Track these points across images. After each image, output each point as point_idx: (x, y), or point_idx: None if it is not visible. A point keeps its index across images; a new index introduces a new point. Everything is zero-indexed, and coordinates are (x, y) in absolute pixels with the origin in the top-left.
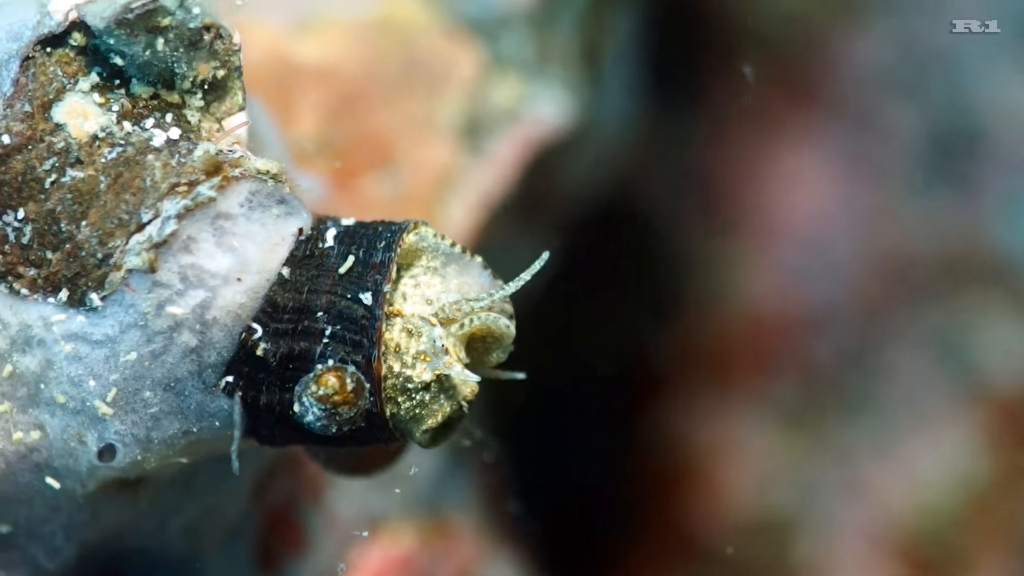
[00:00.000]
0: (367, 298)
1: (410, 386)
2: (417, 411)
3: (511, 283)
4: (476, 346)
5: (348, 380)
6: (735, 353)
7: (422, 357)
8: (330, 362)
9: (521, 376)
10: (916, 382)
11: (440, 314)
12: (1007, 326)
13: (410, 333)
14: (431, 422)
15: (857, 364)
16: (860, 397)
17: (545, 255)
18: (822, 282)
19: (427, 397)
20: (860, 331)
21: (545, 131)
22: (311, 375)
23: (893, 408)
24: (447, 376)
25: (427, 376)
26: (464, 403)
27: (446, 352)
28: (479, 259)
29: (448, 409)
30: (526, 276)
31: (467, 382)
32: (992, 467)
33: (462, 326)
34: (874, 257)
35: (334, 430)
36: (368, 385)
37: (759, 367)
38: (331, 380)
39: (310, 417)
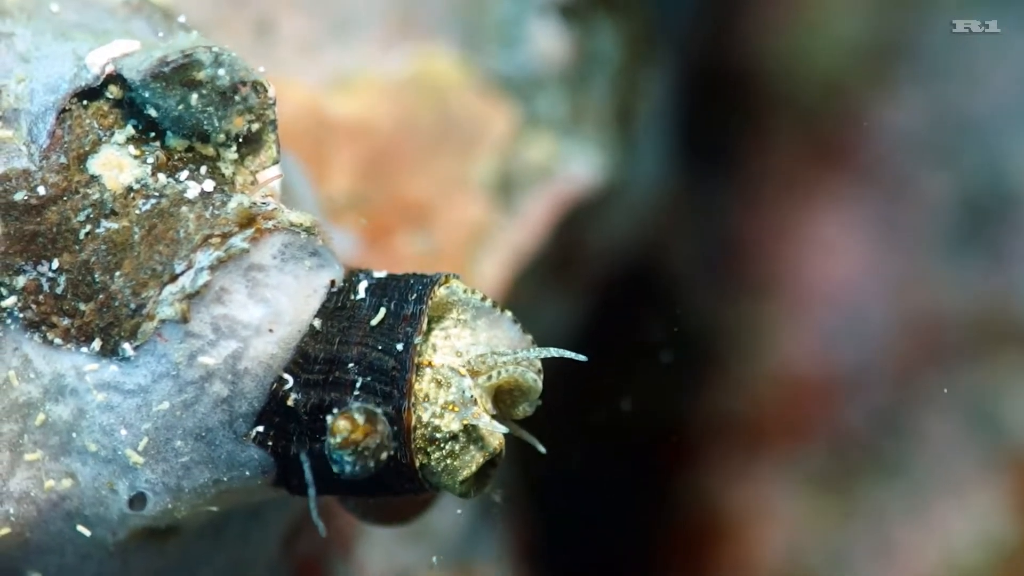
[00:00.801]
0: (398, 350)
1: (438, 435)
2: (448, 462)
3: (543, 349)
4: (503, 399)
5: (358, 416)
6: (766, 416)
7: (451, 407)
8: (353, 404)
9: (542, 449)
10: (947, 446)
11: (469, 366)
12: None
13: (439, 384)
14: (466, 472)
15: (888, 428)
16: (891, 461)
17: (583, 357)
18: (854, 346)
19: (456, 447)
20: (891, 395)
21: (577, 190)
22: (327, 427)
23: (924, 472)
24: (475, 427)
25: (455, 426)
26: (494, 454)
27: (475, 403)
28: (509, 313)
29: (480, 459)
30: (559, 352)
31: (495, 433)
32: (1021, 532)
33: (490, 378)
34: (906, 322)
35: (372, 465)
36: (391, 430)
37: (790, 431)
38: (340, 424)
39: (347, 468)
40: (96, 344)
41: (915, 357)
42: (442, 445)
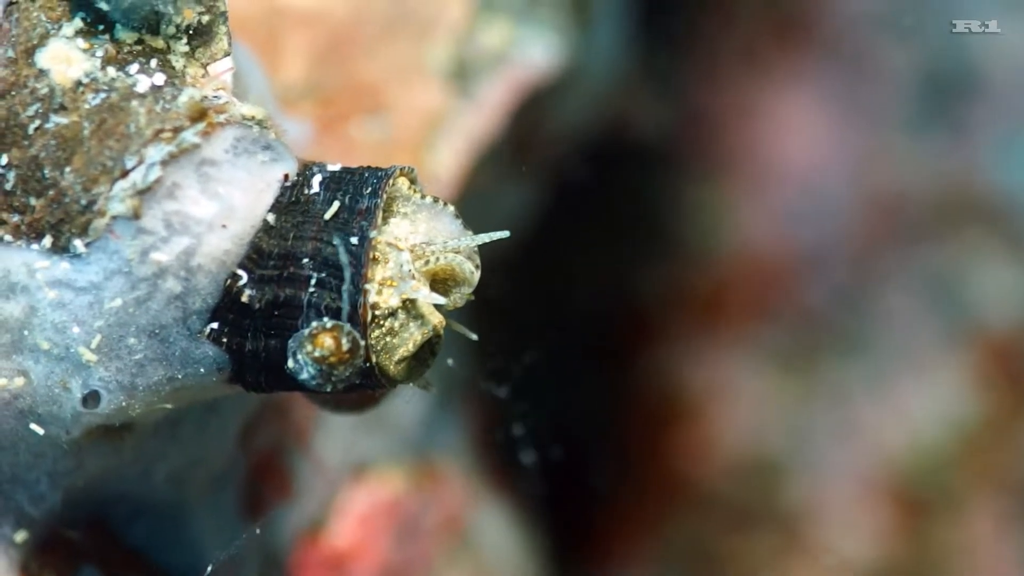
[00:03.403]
0: (353, 244)
1: (377, 313)
2: (387, 339)
3: (480, 235)
4: (437, 288)
5: (344, 341)
6: (728, 295)
7: (388, 282)
8: (323, 320)
9: (473, 337)
10: (909, 324)
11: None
12: (1000, 268)
13: (375, 260)
14: (403, 351)
15: (850, 306)
16: (853, 339)
17: (506, 233)
18: (815, 224)
19: (396, 324)
20: (853, 273)
21: (535, 74)
22: (306, 333)
23: (886, 350)
24: (414, 304)
25: (394, 301)
26: (434, 332)
27: (413, 277)
28: (451, 208)
29: (419, 337)
30: (491, 236)
31: (435, 312)
32: (984, 408)
33: (427, 263)
34: (867, 199)
35: (328, 389)
36: (363, 344)
37: (752, 309)
38: (327, 341)
39: (305, 376)
40: (47, 241)
41: (877, 235)
42: (381, 322)
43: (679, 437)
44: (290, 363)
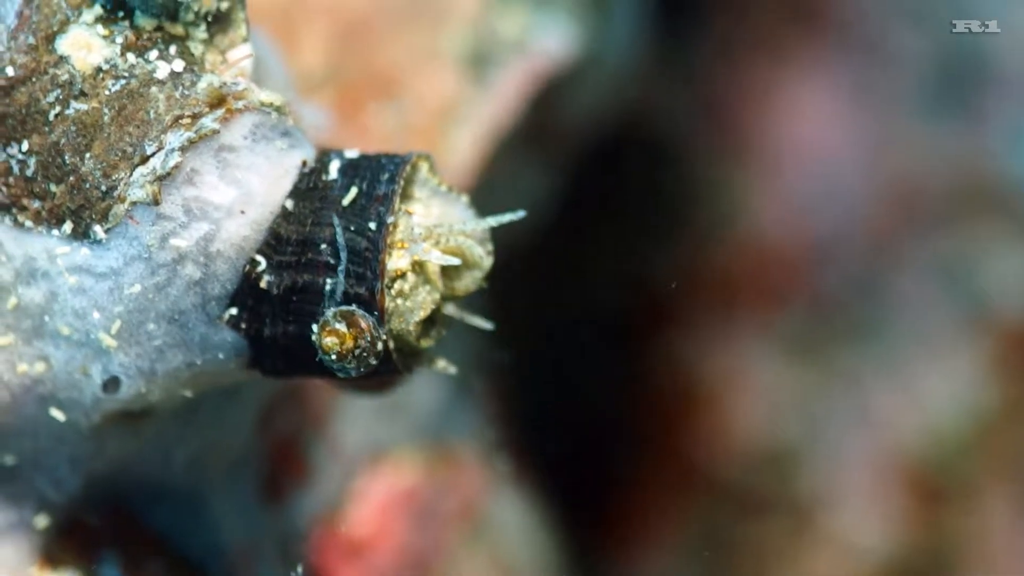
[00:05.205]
0: (371, 230)
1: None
2: (399, 302)
3: (490, 218)
4: (448, 273)
5: (338, 326)
6: (742, 282)
7: (399, 244)
8: (326, 312)
9: (488, 326)
10: (923, 311)
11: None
12: (1013, 255)
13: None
14: (421, 314)
15: (864, 293)
16: (867, 326)
17: (521, 214)
18: (829, 210)
19: (406, 287)
20: (867, 260)
21: (551, 61)
22: (314, 335)
23: (900, 337)
24: (424, 268)
25: (403, 263)
26: (448, 294)
27: (423, 239)
28: (465, 197)
29: (431, 301)
30: (501, 219)
31: (443, 284)
32: (998, 395)
33: (436, 243)
34: (881, 185)
35: (373, 362)
36: (372, 320)
37: (766, 296)
38: (328, 341)
39: (352, 373)
40: (67, 227)
41: (891, 222)
42: (391, 285)
43: (694, 424)
44: (337, 373)
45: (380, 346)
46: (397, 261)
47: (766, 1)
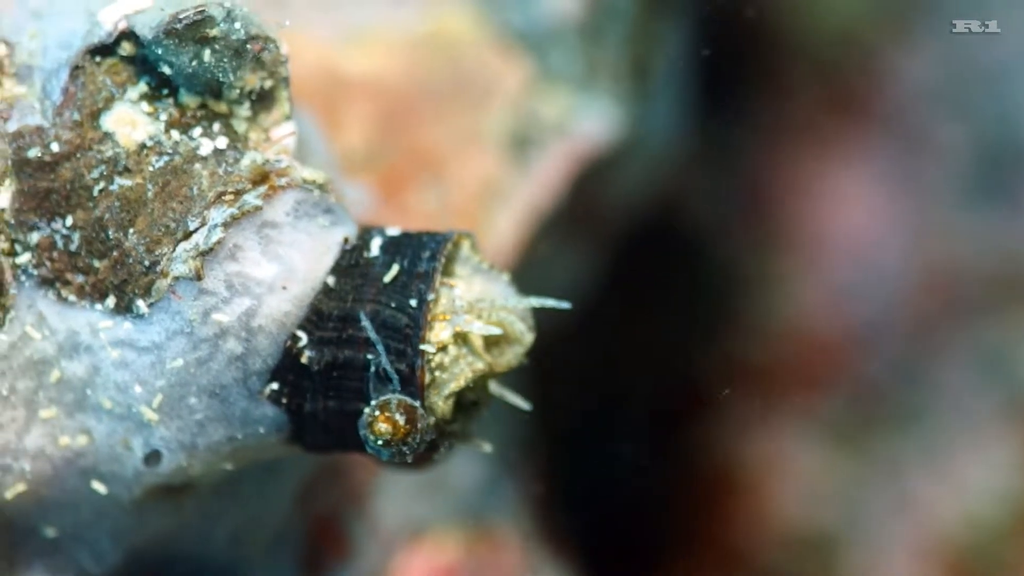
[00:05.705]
0: (411, 307)
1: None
2: (437, 374)
3: (533, 299)
4: (490, 350)
5: (398, 417)
6: (783, 368)
7: (441, 316)
8: (372, 401)
9: (525, 406)
10: (964, 398)
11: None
12: None
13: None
14: (453, 386)
15: (905, 380)
16: (908, 413)
17: (567, 304)
18: (871, 298)
19: (446, 359)
20: (908, 347)
21: (593, 145)
22: (365, 420)
23: (941, 424)
24: (466, 338)
25: (446, 335)
26: (488, 370)
27: (466, 312)
28: (507, 276)
29: (469, 373)
30: (545, 302)
31: (487, 356)
32: None
33: (479, 317)
34: (923, 273)
35: (408, 455)
36: (420, 411)
37: (807, 383)
38: (382, 428)
39: (384, 458)
40: (110, 301)
41: (932, 309)
42: (431, 357)
43: (735, 509)
44: (368, 450)
45: (419, 440)
46: (440, 333)
47: (808, 89)
